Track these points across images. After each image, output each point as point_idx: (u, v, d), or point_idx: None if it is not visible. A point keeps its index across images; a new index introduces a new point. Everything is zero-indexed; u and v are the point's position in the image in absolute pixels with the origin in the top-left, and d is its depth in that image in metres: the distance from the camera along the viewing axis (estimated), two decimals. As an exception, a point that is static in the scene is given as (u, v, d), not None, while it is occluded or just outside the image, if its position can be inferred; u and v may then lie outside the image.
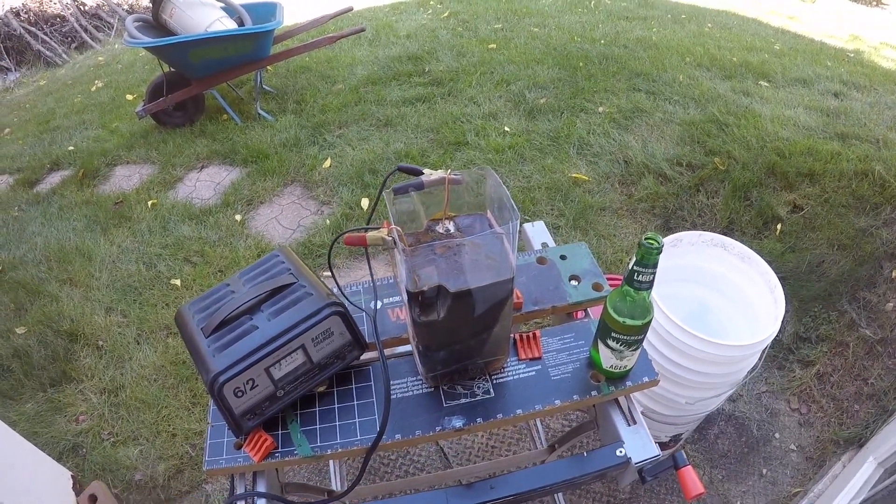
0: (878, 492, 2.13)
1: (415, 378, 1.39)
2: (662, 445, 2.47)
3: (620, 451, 1.32)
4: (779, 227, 3.28)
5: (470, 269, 1.13)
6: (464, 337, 1.25)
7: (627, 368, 1.34)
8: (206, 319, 1.27)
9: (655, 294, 1.91)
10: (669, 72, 4.82)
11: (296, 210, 4.00)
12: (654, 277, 1.14)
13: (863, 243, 3.07)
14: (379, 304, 1.53)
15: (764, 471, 2.62)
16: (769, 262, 2.99)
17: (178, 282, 3.49)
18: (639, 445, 1.33)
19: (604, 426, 1.44)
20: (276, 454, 1.27)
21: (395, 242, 1.11)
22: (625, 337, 1.23)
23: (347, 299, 1.46)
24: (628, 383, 1.36)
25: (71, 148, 5.03)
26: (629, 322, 1.19)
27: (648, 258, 1.11)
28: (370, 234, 1.17)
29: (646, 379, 1.37)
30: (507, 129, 4.35)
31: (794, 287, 3.03)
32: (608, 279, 2.79)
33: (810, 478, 2.56)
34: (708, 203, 3.51)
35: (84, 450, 2.78)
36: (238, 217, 3.95)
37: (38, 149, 5.18)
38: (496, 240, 1.14)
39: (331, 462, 2.13)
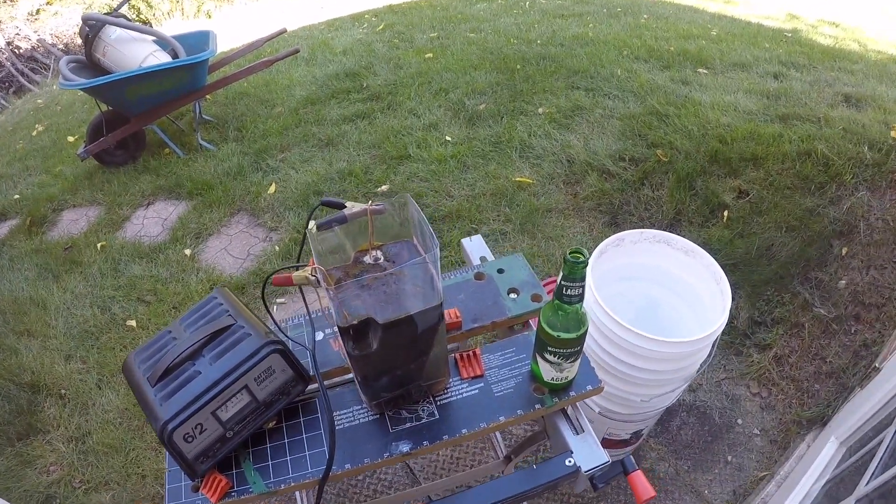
0: (843, 470, 2.15)
1: (360, 406, 1.39)
2: (623, 443, 2.48)
3: (570, 461, 1.32)
4: (726, 214, 3.31)
5: (398, 298, 1.13)
6: (400, 364, 1.26)
7: (569, 379, 1.35)
8: (151, 368, 1.27)
9: (599, 295, 1.92)
10: (607, 67, 4.84)
11: (245, 239, 3.98)
12: (583, 291, 1.15)
13: (811, 223, 3.10)
14: (320, 335, 1.52)
15: (729, 457, 2.64)
16: (718, 251, 3.07)
17: (133, 322, 3.46)
18: (587, 453, 1.34)
19: (553, 436, 1.45)
20: (233, 493, 1.27)
21: (318, 282, 1.11)
22: (561, 350, 1.23)
23: (286, 335, 1.44)
24: (571, 393, 1.37)
25: (17, 196, 4.95)
26: (563, 336, 1.20)
27: (575, 272, 1.11)
28: (296, 274, 1.17)
29: (589, 387, 1.38)
30: (448, 138, 4.35)
31: (745, 272, 3.06)
32: (554, 282, 2.84)
33: (776, 460, 2.59)
34: (654, 196, 3.53)
35: (57, 500, 2.76)
36: (188, 252, 3.92)
37: None
38: (421, 267, 1.14)
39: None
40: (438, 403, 1.37)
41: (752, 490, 2.53)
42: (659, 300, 2.31)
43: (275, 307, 3.44)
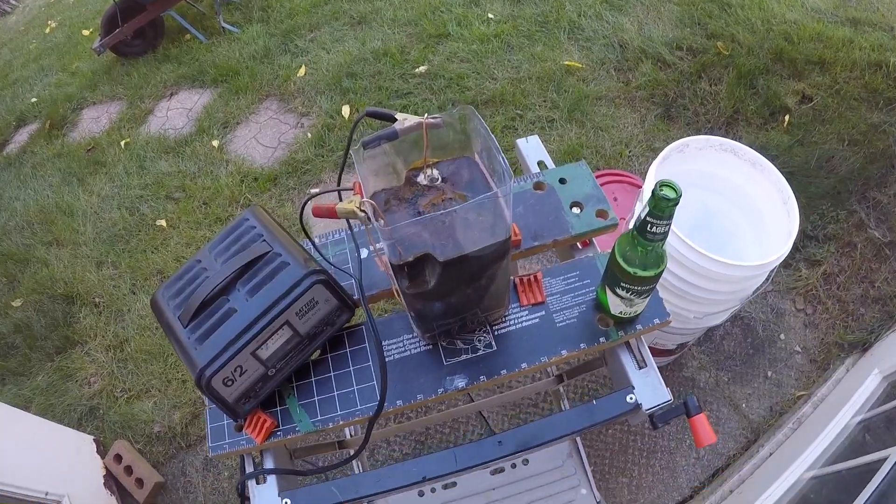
0: (886, 410, 2.08)
1: (411, 336, 1.29)
2: (669, 352, 2.42)
3: (631, 398, 1.23)
4: (787, 118, 3.14)
5: (461, 231, 0.99)
6: (458, 300, 1.14)
7: (638, 313, 1.23)
8: (182, 306, 1.16)
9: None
10: (667, -57, 4.50)
11: (275, 126, 3.84)
12: (668, 229, 1.01)
13: (875, 140, 2.94)
14: (364, 252, 1.40)
15: (769, 373, 2.59)
16: (776, 157, 2.93)
17: (163, 222, 3.40)
18: (649, 390, 1.24)
19: (613, 368, 1.34)
20: (278, 433, 1.22)
21: (368, 219, 0.97)
22: (636, 287, 1.12)
23: (327, 261, 1.32)
24: (638, 326, 1.26)
25: (34, 100, 4.79)
26: (640, 273, 1.08)
27: (664, 209, 0.97)
28: (340, 206, 1.02)
29: (657, 321, 1.27)
30: (490, 16, 4.10)
31: (802, 183, 2.91)
32: (608, 175, 2.71)
33: (814, 381, 2.54)
34: (711, 91, 3.34)
35: (101, 411, 2.80)
36: (215, 143, 3.80)
37: (0, 107, 4.92)
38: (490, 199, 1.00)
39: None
40: (496, 333, 1.27)
41: (789, 409, 2.49)
42: (716, 210, 2.17)
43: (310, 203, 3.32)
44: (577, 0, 4.08)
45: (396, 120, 1.09)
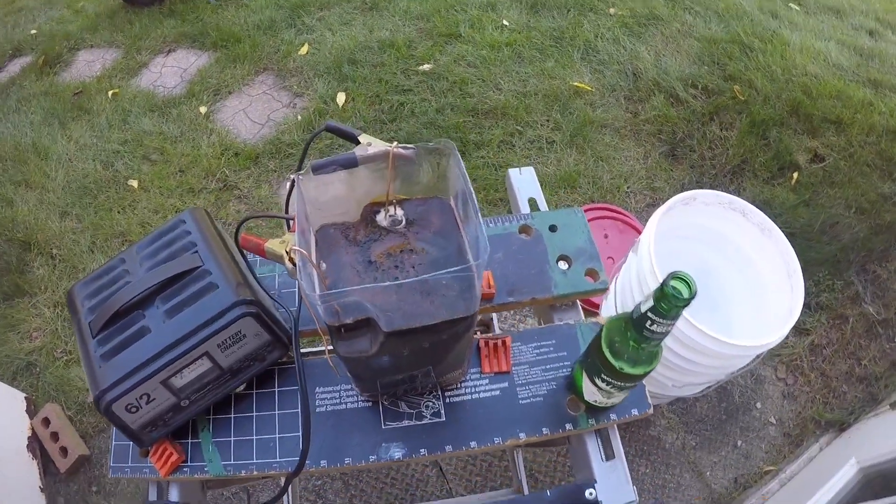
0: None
1: (349, 387, 1.11)
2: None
3: (590, 493, 1.06)
4: (795, 175, 3.00)
5: (416, 300, 0.82)
6: (404, 369, 0.97)
7: (615, 405, 1.07)
8: (95, 310, 1.01)
9: (651, 251, 1.64)
10: (692, -24, 4.37)
11: (266, 102, 3.68)
12: (671, 329, 0.84)
13: (883, 211, 2.81)
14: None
15: (739, 442, 2.45)
16: (778, 215, 2.78)
17: (135, 183, 3.24)
18: (613, 487, 1.08)
19: (576, 454, 1.17)
20: (185, 469, 1.06)
21: (298, 273, 0.78)
22: (619, 382, 0.95)
23: (262, 288, 1.14)
24: (612, 416, 1.10)
25: (33, 31, 4.61)
26: (627, 369, 0.91)
27: (670, 309, 0.80)
28: (269, 245, 0.85)
29: (635, 412, 1.11)
30: (505, 22, 3.94)
31: (802, 246, 2.77)
32: (602, 210, 2.57)
33: (785, 456, 2.42)
34: (721, 135, 3.19)
35: (38, 368, 2.65)
36: (203, 109, 3.63)
37: (0, 33, 4.74)
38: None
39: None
40: (447, 401, 1.10)
41: (755, 483, 2.36)
42: (714, 269, 2.02)
43: (287, 184, 3.20)
44: (595, 20, 3.94)
45: (359, 143, 0.91)
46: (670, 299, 0.78)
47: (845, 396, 2.50)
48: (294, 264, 0.79)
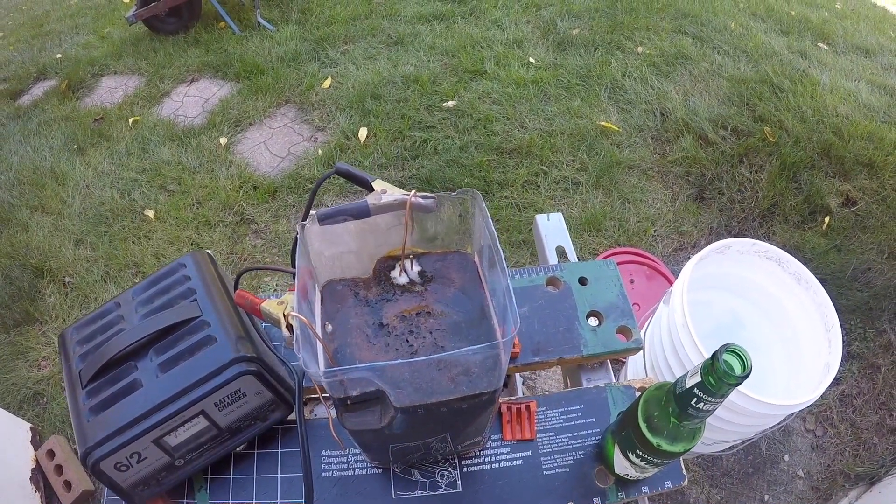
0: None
1: (359, 452, 1.03)
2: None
3: (621, 573, 0.97)
4: (826, 220, 2.93)
5: (433, 373, 0.73)
6: (417, 439, 0.88)
7: (647, 478, 0.98)
8: (85, 358, 0.95)
9: (684, 303, 1.55)
10: (720, 17, 4.37)
11: (287, 135, 3.66)
12: (719, 407, 0.75)
13: (917, 256, 2.75)
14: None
15: (766, 497, 2.35)
16: (809, 260, 2.70)
17: (151, 213, 3.21)
18: (643, 566, 0.99)
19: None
20: None
21: (295, 344, 0.70)
22: (655, 459, 0.86)
23: (266, 343, 1.06)
24: (644, 489, 1.01)
25: (59, 55, 4.68)
26: (665, 447, 0.82)
27: (721, 387, 0.71)
28: (265, 306, 0.76)
29: (669, 484, 1.02)
30: (531, 60, 3.92)
31: (833, 293, 2.64)
32: (628, 254, 2.49)
33: (813, 512, 2.33)
34: (750, 178, 3.12)
35: (45, 398, 2.60)
36: (223, 140, 3.62)
37: (26, 55, 4.83)
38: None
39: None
40: (465, 470, 1.01)
41: (782, 541, 2.27)
42: (746, 321, 1.93)
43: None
44: (623, 59, 3.92)
45: (373, 189, 0.83)
46: (721, 376, 0.70)
47: (876, 448, 2.42)
48: (291, 332, 0.70)
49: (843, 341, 2.49)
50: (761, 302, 1.88)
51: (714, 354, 0.70)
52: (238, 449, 1.03)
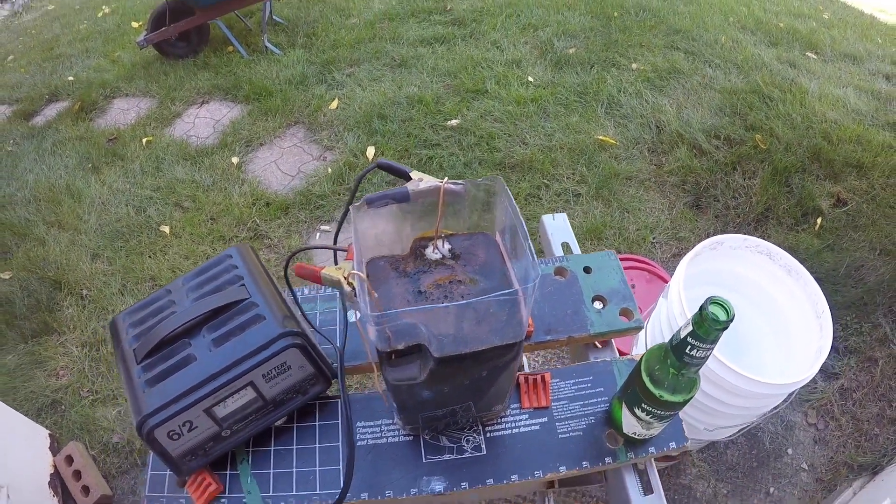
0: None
1: (390, 422, 1.13)
2: (668, 458, 2.26)
3: (632, 531, 1.07)
4: (819, 221, 3.02)
5: (466, 325, 0.84)
6: (450, 397, 0.99)
7: (654, 436, 1.08)
8: (140, 338, 1.03)
9: (681, 293, 1.65)
10: (711, 31, 4.49)
11: (297, 154, 3.76)
12: (710, 353, 0.86)
13: (908, 251, 2.82)
14: (353, 315, 1.25)
15: (771, 489, 2.41)
16: (804, 260, 2.76)
17: (167, 229, 3.30)
18: (654, 522, 1.08)
19: (614, 489, 1.18)
20: (223, 500, 1.06)
21: (355, 295, 0.82)
22: (659, 411, 0.96)
23: (308, 321, 1.17)
24: (651, 449, 1.11)
25: (71, 78, 4.80)
26: (667, 397, 0.93)
27: (710, 332, 0.82)
28: (325, 272, 0.87)
29: (672, 445, 1.12)
30: (530, 79, 4.04)
31: (828, 290, 2.72)
32: (628, 260, 2.58)
33: (818, 502, 2.38)
34: (744, 184, 3.22)
35: (63, 406, 2.65)
36: (235, 160, 3.72)
37: (38, 78, 4.95)
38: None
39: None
40: (488, 436, 1.11)
41: (788, 532, 2.32)
42: (742, 315, 2.02)
43: (318, 234, 3.22)
44: (618, 75, 4.03)
45: (411, 178, 0.95)
46: (709, 322, 0.81)
47: (877, 439, 2.47)
48: (352, 287, 0.82)
49: (840, 337, 2.62)
50: (754, 296, 1.97)
51: (701, 306, 0.81)
52: (277, 423, 1.13)
